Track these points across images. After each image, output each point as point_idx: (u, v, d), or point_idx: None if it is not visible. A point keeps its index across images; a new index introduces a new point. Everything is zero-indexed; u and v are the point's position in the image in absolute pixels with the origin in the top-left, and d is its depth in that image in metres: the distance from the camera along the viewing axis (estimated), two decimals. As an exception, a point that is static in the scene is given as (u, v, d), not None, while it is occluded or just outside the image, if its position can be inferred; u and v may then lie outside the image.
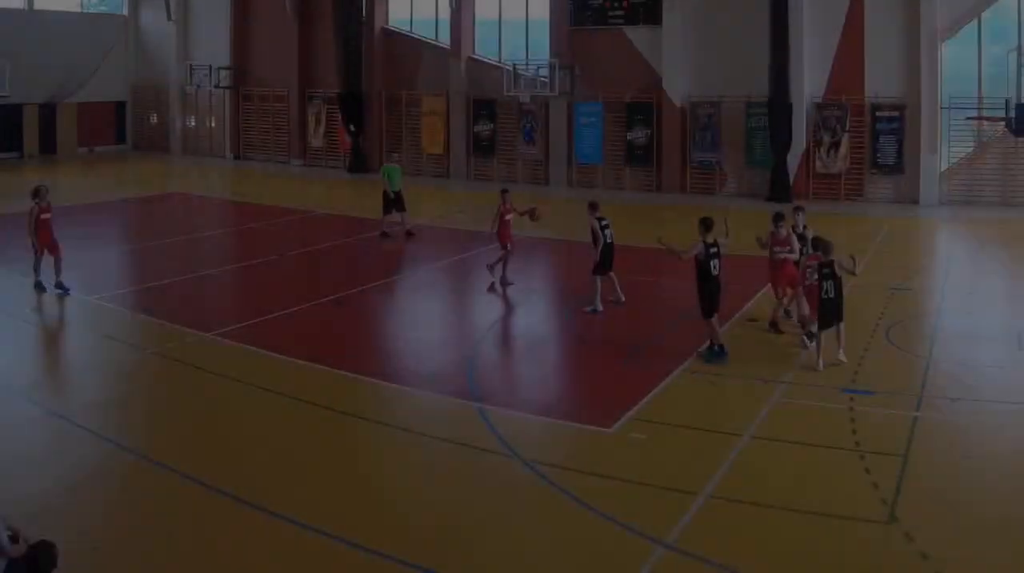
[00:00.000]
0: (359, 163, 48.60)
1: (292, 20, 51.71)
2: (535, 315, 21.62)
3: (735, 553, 10.17)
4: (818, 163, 39.30)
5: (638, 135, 42.44)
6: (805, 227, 19.63)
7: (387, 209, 30.02)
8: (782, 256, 18.96)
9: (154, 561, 10.21)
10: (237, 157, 54.60)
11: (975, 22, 37.74)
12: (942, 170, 38.04)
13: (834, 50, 38.98)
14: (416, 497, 11.93)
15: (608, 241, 20.72)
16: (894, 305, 20.65)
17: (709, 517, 11.10)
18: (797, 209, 20.19)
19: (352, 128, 48.52)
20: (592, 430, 13.81)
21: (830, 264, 16.81)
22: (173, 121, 57.46)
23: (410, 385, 16.03)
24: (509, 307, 21.85)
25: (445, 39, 47.38)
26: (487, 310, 22.14)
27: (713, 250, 17.14)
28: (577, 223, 24.47)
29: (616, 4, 42.79)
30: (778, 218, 19.09)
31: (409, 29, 49.30)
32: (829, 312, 16.78)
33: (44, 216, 21.49)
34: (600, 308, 20.32)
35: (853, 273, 17.33)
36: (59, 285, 21.54)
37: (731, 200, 38.55)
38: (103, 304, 21.37)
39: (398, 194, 29.85)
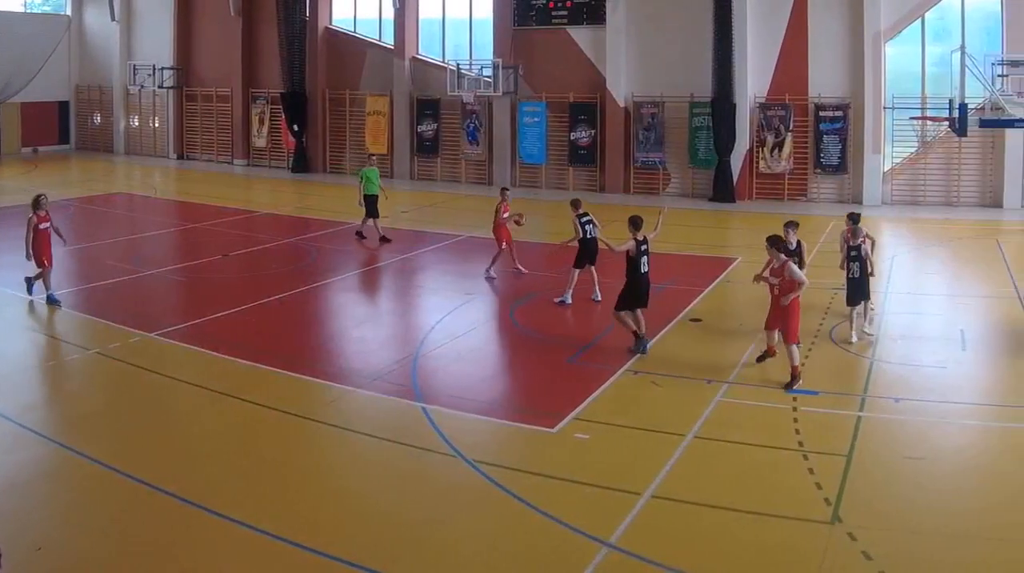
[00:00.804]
0: (302, 163, 47.49)
1: (236, 20, 50.30)
2: (480, 314, 20.90)
3: (679, 553, 9.99)
4: (761, 163, 38.16)
5: (581, 135, 41.21)
6: (798, 243, 18.43)
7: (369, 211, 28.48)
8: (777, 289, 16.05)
9: (98, 561, 9.96)
10: (181, 157, 53.23)
11: (918, 22, 36.79)
12: (886, 170, 37.08)
13: (778, 50, 37.95)
14: (360, 497, 11.68)
15: (588, 236, 20.35)
16: (838, 305, 19.81)
17: (653, 517, 10.90)
18: (789, 225, 18.45)
19: (296, 128, 47.26)
20: (536, 430, 13.53)
21: (857, 247, 17.85)
22: (117, 121, 55.77)
23: (354, 385, 15.57)
24: (454, 307, 20.97)
25: (389, 39, 46.10)
26: (431, 309, 21.49)
27: (644, 247, 16.96)
28: (523, 223, 24.08)
29: (560, 4, 41.62)
30: (773, 242, 16.06)
31: (352, 29, 47.95)
32: (855, 291, 17.89)
33: (43, 226, 20.21)
34: (569, 301, 19.89)
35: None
36: (50, 298, 20.35)
37: (675, 200, 37.70)
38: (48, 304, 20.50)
39: (374, 198, 28.33)
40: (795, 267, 15.37)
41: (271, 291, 21.84)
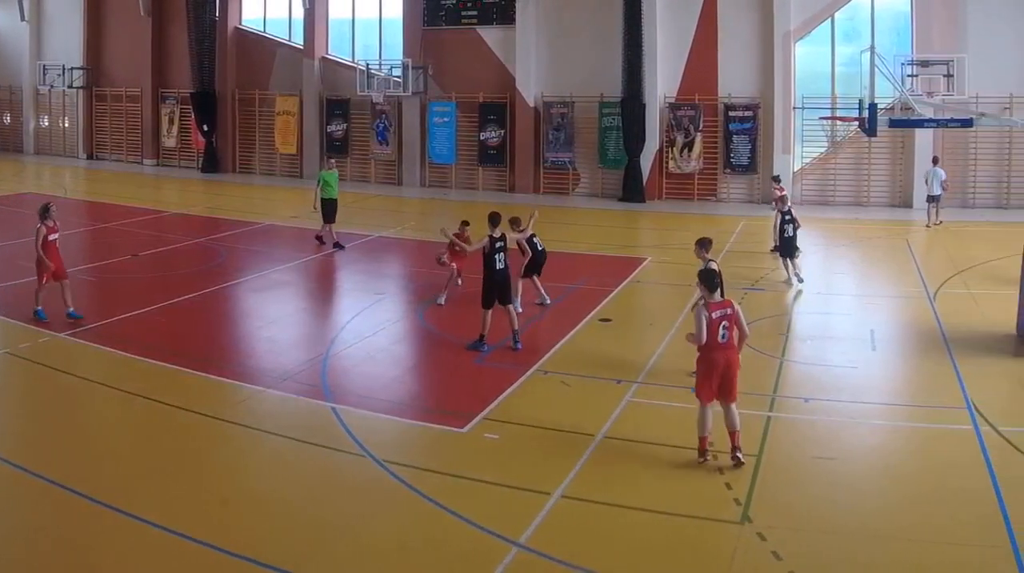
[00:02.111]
0: (212, 163, 45.24)
1: (145, 20, 47.66)
2: (390, 314, 20.05)
3: (589, 553, 9.58)
4: (671, 163, 36.42)
5: (491, 135, 39.21)
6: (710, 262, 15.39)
7: (326, 216, 26.45)
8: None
9: (7, 562, 9.52)
10: (91, 157, 50.79)
11: (828, 22, 35.39)
12: (795, 170, 35.54)
13: (687, 50, 36.32)
14: (271, 497, 11.14)
15: (539, 248, 19.20)
16: (748, 305, 19.14)
17: (562, 517, 10.46)
18: (701, 242, 15.65)
19: (205, 128, 44.95)
20: (446, 430, 13.05)
21: (789, 210, 21.27)
22: (26, 121, 52.83)
23: (264, 385, 14.84)
24: (364, 307, 20.27)
25: (299, 39, 43.82)
26: (342, 310, 20.94)
27: (499, 245, 16.43)
28: (433, 223, 24.11)
29: (469, 4, 39.67)
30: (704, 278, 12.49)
31: (262, 29, 45.60)
32: (790, 246, 21.18)
33: (52, 237, 18.39)
34: (519, 309, 18.30)
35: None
36: (70, 314, 18.35)
37: (584, 200, 36.54)
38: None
39: (332, 202, 26.35)
40: (701, 319, 11.69)
41: (181, 291, 21.00)
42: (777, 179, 29.98)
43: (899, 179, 34.57)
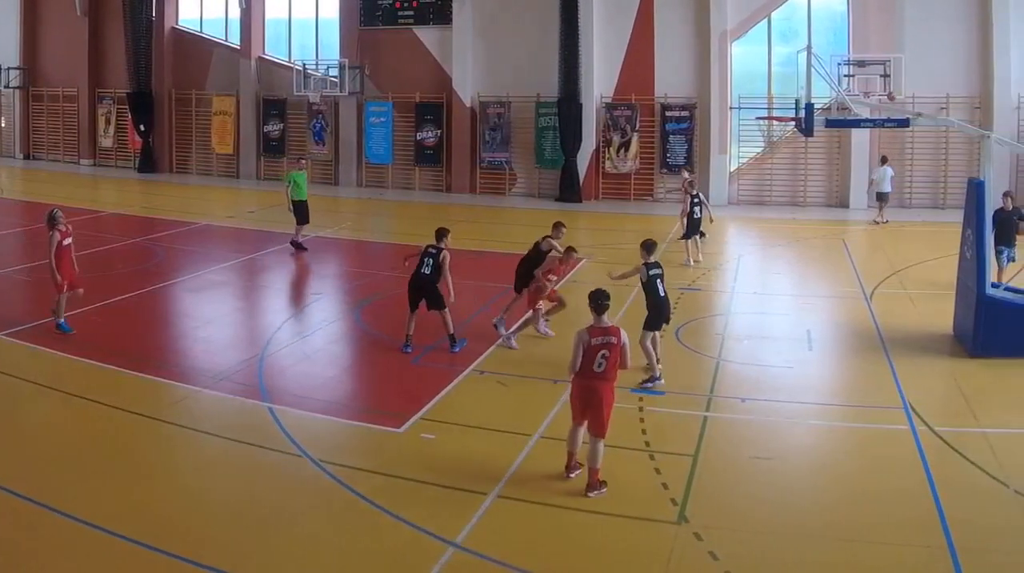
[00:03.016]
0: (149, 163, 43.60)
1: (82, 20, 45.75)
2: (326, 314, 19.72)
3: (525, 553, 9.41)
4: (607, 163, 35.29)
5: (428, 135, 37.86)
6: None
7: (299, 218, 25.11)
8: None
9: None
10: (27, 157, 48.76)
11: (765, 22, 34.45)
12: (732, 170, 34.62)
13: (624, 50, 35.24)
14: (207, 497, 10.85)
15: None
16: (684, 305, 19.22)
17: (499, 517, 10.25)
18: (646, 245, 15.21)
19: (142, 128, 43.34)
20: (383, 430, 12.77)
21: (697, 194, 23.19)
22: (-37, 122, 50.68)
23: (201, 385, 14.47)
24: (301, 307, 20.35)
25: (235, 39, 42.16)
26: (278, 309, 20.50)
27: (432, 251, 16.13)
28: (370, 223, 24.29)
29: (406, 4, 38.27)
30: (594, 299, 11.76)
31: (199, 29, 43.88)
32: (694, 227, 22.63)
33: (67, 242, 17.12)
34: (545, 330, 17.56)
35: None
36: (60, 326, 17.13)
37: (521, 200, 35.51)
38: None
39: (303, 204, 24.96)
40: (579, 344, 10.71)
41: (118, 291, 20.30)
42: (686, 168, 30.43)
43: (836, 179, 33.75)
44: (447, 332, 16.07)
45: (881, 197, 29.55)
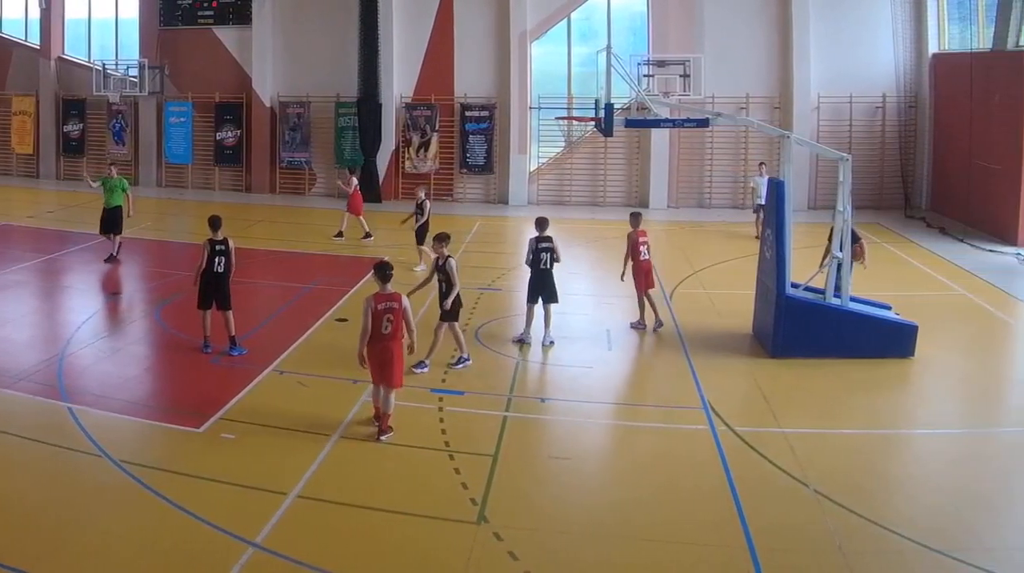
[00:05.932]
0: (-55, 167, 40.13)
1: None
2: (126, 314, 19.14)
3: (325, 553, 9.17)
4: (407, 163, 33.76)
5: (227, 135, 35.70)
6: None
7: (104, 227, 23.19)
8: None
9: None
10: None
11: (564, 22, 33.36)
12: (531, 170, 33.41)
13: (424, 50, 33.81)
14: (4, 497, 10.30)
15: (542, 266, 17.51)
16: (484, 305, 18.92)
17: (299, 517, 9.96)
18: (439, 237, 15.30)
19: (-61, 130, 39.98)
20: (182, 430, 12.43)
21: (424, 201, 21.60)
22: None
23: None
24: (100, 306, 19.42)
25: (35, 38, 39.36)
26: (78, 309, 19.34)
27: (219, 247, 15.55)
28: (171, 223, 24.06)
29: (205, 4, 36.14)
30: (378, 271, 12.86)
31: (-2, 28, 40.96)
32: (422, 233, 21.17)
33: None
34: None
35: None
36: None
37: (321, 201, 33.92)
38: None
39: (115, 211, 23.04)
40: (367, 310, 12.13)
41: None
42: (351, 171, 29.54)
43: (635, 179, 32.90)
44: (229, 334, 15.60)
45: (759, 208, 27.27)
